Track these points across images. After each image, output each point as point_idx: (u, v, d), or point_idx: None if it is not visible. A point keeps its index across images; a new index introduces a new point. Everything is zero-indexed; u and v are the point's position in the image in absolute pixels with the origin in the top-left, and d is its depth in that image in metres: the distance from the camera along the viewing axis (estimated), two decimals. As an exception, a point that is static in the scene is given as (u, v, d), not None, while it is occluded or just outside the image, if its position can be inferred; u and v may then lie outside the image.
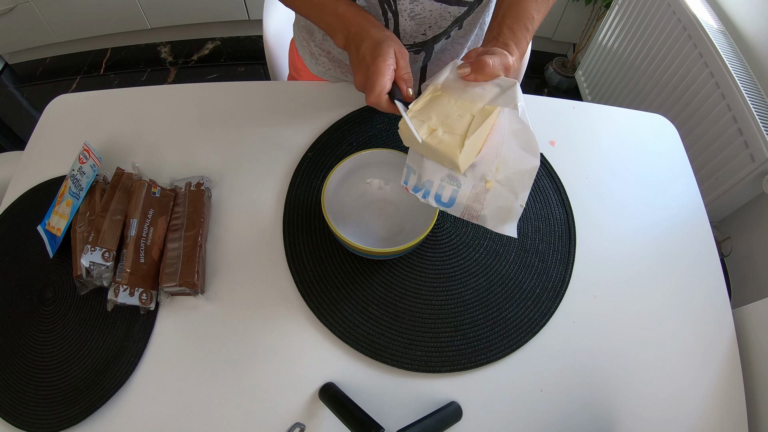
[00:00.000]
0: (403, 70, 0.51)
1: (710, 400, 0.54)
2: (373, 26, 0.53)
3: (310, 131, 0.70)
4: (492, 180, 0.44)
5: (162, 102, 0.73)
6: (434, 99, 0.47)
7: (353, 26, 0.53)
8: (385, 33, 0.52)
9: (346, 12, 0.54)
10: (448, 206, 0.46)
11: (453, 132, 0.44)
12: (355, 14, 0.54)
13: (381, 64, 0.48)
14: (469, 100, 0.45)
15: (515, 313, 0.57)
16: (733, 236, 1.21)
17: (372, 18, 0.54)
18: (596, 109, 0.76)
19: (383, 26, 0.54)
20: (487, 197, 0.44)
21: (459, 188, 0.46)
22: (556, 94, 1.82)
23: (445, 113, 0.45)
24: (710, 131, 1.11)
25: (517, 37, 0.51)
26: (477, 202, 0.45)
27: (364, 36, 0.52)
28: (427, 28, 0.60)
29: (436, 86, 0.48)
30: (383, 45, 0.50)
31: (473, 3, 0.59)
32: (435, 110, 0.46)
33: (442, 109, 0.46)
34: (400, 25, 0.60)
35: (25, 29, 1.78)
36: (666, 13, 1.20)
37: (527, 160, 0.44)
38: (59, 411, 0.51)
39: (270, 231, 0.62)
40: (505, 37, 0.51)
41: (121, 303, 0.52)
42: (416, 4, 0.57)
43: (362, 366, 0.54)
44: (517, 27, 0.52)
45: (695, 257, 0.63)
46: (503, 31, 0.52)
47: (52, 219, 0.60)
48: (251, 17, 1.85)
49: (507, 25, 0.52)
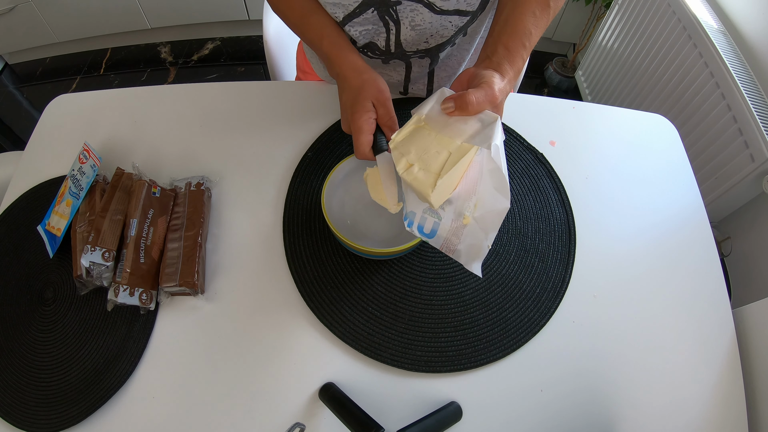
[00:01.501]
0: (384, 117, 0.51)
1: (710, 400, 0.54)
2: (353, 69, 0.53)
3: (310, 131, 0.70)
4: (470, 216, 0.44)
5: (162, 102, 0.73)
6: (416, 131, 0.47)
7: (335, 66, 0.55)
8: (363, 77, 0.52)
9: (329, 50, 0.55)
10: (430, 237, 0.47)
11: (428, 169, 0.44)
12: (337, 54, 0.55)
13: (359, 120, 0.50)
14: (448, 135, 0.45)
15: (515, 313, 0.57)
16: (733, 236, 1.21)
17: (353, 56, 0.55)
18: (596, 109, 0.76)
19: (364, 65, 0.54)
20: (464, 232, 0.45)
21: (440, 221, 0.46)
22: (556, 94, 1.82)
23: (423, 148, 0.45)
24: (710, 131, 1.11)
25: (513, 55, 0.49)
26: (455, 236, 0.45)
27: (343, 84, 0.54)
28: (429, 36, 0.60)
29: (420, 117, 0.48)
30: (360, 97, 0.51)
31: (475, 12, 0.58)
32: (415, 144, 0.46)
33: (422, 143, 0.46)
34: (402, 34, 0.59)
35: (25, 29, 1.78)
36: (666, 13, 1.20)
37: (499, 201, 0.43)
38: (59, 411, 0.51)
39: (270, 231, 0.62)
40: (500, 56, 0.49)
41: (121, 303, 0.52)
42: (416, 14, 0.56)
43: (362, 366, 0.54)
44: (513, 44, 0.50)
45: (695, 257, 0.63)
46: (498, 50, 0.50)
47: (52, 219, 0.60)
48: (251, 17, 1.86)
49: (502, 42, 0.50)
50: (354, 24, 0.58)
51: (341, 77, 0.54)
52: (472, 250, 0.44)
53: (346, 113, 0.53)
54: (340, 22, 0.57)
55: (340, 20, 0.57)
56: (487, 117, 0.45)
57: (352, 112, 0.51)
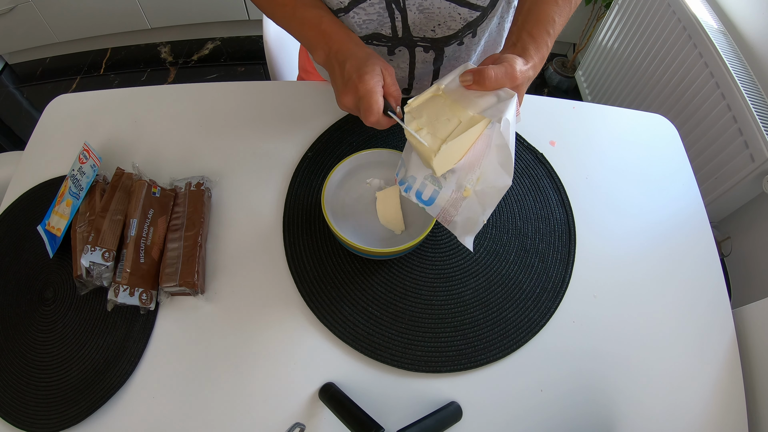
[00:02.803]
0: (391, 86, 0.50)
1: (710, 400, 0.54)
2: (355, 44, 0.53)
3: (310, 131, 0.70)
4: (471, 189, 0.44)
5: (162, 102, 0.73)
6: (432, 98, 0.47)
7: (335, 43, 0.53)
8: (367, 50, 0.52)
9: (328, 28, 0.54)
10: (427, 204, 0.47)
11: (435, 134, 0.44)
12: (337, 31, 0.53)
13: (370, 81, 0.48)
14: (462, 105, 0.45)
15: (515, 313, 0.57)
16: (733, 236, 1.21)
17: (354, 36, 0.54)
18: (596, 109, 0.76)
19: (365, 45, 0.54)
20: (463, 204, 0.44)
21: (440, 190, 0.46)
22: (556, 94, 1.82)
23: (435, 114, 0.45)
24: (710, 131, 1.11)
25: (537, 42, 0.50)
26: (453, 207, 0.45)
27: (346, 54, 0.51)
28: (436, 25, 0.59)
29: (438, 86, 0.48)
30: (368, 62, 0.49)
31: (486, 8, 0.58)
32: (428, 109, 0.46)
33: (435, 109, 0.46)
34: (408, 19, 0.59)
35: (25, 29, 1.78)
36: (666, 13, 1.20)
37: (501, 177, 0.43)
38: (59, 411, 0.51)
39: (270, 231, 0.62)
40: (525, 42, 0.50)
41: (121, 303, 0.52)
42: None
43: (362, 366, 0.54)
44: (537, 31, 0.51)
45: (695, 257, 0.63)
46: (522, 37, 0.51)
47: (52, 219, 0.60)
48: (251, 17, 1.86)
49: (527, 30, 0.51)
50: (359, 10, 0.56)
51: (342, 51, 0.52)
52: (468, 224, 0.45)
53: (350, 82, 0.49)
54: (345, 7, 0.56)
55: (345, 5, 0.56)
56: (504, 93, 0.45)
57: (361, 74, 0.48)
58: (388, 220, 0.59)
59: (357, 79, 0.48)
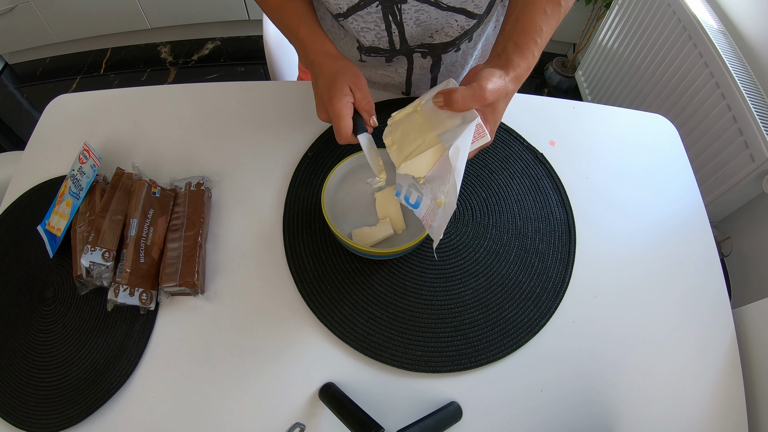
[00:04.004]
0: (362, 101, 0.51)
1: (710, 400, 0.54)
2: (328, 56, 0.53)
3: (310, 131, 0.70)
4: (443, 199, 0.47)
5: (162, 102, 0.73)
6: (410, 115, 0.51)
7: (310, 54, 0.54)
8: (338, 63, 0.52)
9: (305, 38, 0.55)
10: (415, 207, 0.50)
11: (401, 151, 0.49)
12: (313, 41, 0.54)
13: (337, 104, 0.49)
14: (431, 125, 0.48)
15: (515, 313, 0.57)
16: (733, 236, 1.21)
17: (328, 44, 0.55)
18: (596, 109, 0.76)
19: (338, 53, 0.54)
20: (438, 212, 0.47)
21: (422, 197, 0.49)
22: (556, 94, 1.82)
23: (407, 132, 0.50)
24: (710, 131, 1.11)
25: (523, 51, 0.50)
26: (432, 214, 0.48)
27: (318, 70, 0.53)
28: (434, 32, 0.60)
29: (420, 102, 0.51)
30: (337, 82, 0.50)
31: (482, 15, 0.58)
32: (402, 126, 0.50)
33: (407, 127, 0.50)
34: (406, 33, 0.59)
35: (25, 29, 1.78)
36: (666, 13, 1.20)
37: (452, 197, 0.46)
38: (59, 411, 0.51)
39: (270, 231, 0.62)
40: (509, 52, 0.50)
41: (121, 303, 0.52)
42: (421, 12, 0.56)
43: (362, 366, 0.54)
44: (523, 40, 0.50)
45: (695, 257, 0.63)
46: (507, 47, 0.50)
47: (52, 219, 0.60)
48: (251, 17, 1.85)
49: (512, 40, 0.51)
50: (357, 17, 0.57)
51: (315, 64, 0.53)
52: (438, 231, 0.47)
53: (322, 100, 0.52)
54: (344, 13, 0.56)
55: (344, 11, 0.56)
56: (469, 115, 0.47)
57: (329, 96, 0.50)
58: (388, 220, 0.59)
59: (327, 101, 0.51)
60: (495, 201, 0.65)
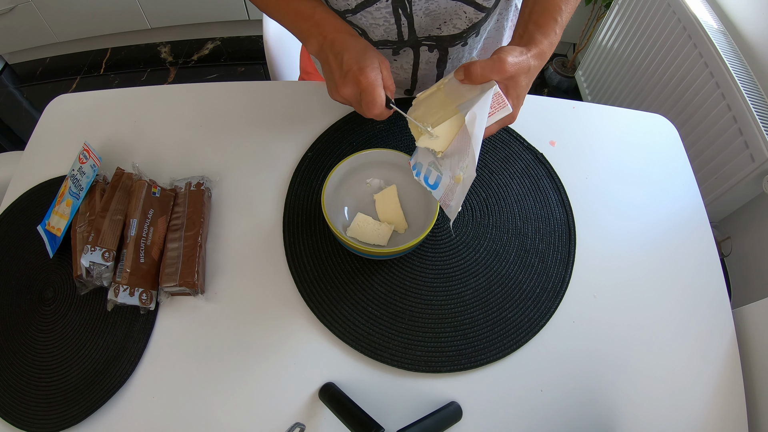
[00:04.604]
0: (387, 79, 0.51)
1: (710, 400, 0.54)
2: (350, 35, 0.53)
3: (310, 131, 0.70)
4: (462, 176, 0.46)
5: (162, 102, 0.73)
6: (433, 93, 0.51)
7: (329, 33, 0.53)
8: (363, 41, 0.52)
9: (322, 19, 0.54)
10: (433, 188, 0.50)
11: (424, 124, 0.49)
12: (331, 22, 0.54)
13: (371, 74, 0.48)
14: (452, 99, 0.48)
15: (515, 313, 0.57)
16: (733, 236, 1.21)
17: (348, 26, 0.54)
18: (596, 109, 0.76)
19: (359, 35, 0.54)
20: (457, 190, 0.47)
21: (441, 176, 0.49)
22: (556, 94, 1.82)
23: (429, 108, 0.50)
24: (710, 131, 1.11)
25: (545, 29, 0.51)
26: (451, 192, 0.48)
27: (343, 45, 0.52)
28: (442, 23, 0.60)
29: (444, 80, 0.51)
30: (367, 55, 0.50)
31: (491, 9, 0.59)
32: (425, 103, 0.51)
33: (430, 104, 0.50)
34: (415, 24, 0.59)
35: (25, 29, 1.78)
36: (666, 13, 1.20)
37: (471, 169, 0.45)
38: (59, 411, 0.51)
39: (270, 231, 0.62)
40: (531, 31, 0.51)
41: (121, 303, 0.52)
42: (431, 2, 0.56)
43: (362, 366, 0.54)
44: (544, 20, 0.51)
45: (695, 257, 0.63)
46: (529, 27, 0.51)
47: (52, 219, 0.60)
48: (251, 17, 1.86)
49: (533, 20, 0.51)
50: (366, 14, 0.57)
51: (337, 42, 0.52)
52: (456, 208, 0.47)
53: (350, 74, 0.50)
54: (352, 9, 0.56)
55: (353, 7, 0.56)
56: (488, 86, 0.47)
57: (361, 67, 0.49)
58: (389, 220, 0.59)
59: (358, 72, 0.49)
60: (495, 201, 0.65)
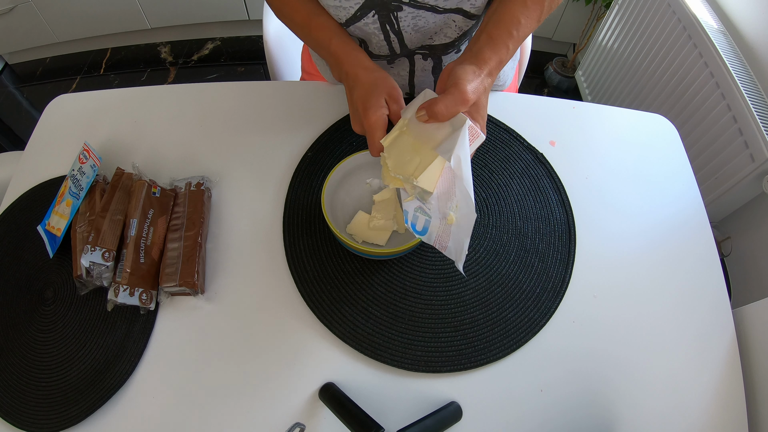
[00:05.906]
0: (398, 113, 0.51)
1: (710, 400, 0.54)
2: (363, 68, 0.53)
3: (310, 131, 0.70)
4: (453, 216, 0.45)
5: (162, 102, 0.73)
6: (399, 136, 0.49)
7: (344, 65, 0.53)
8: (374, 75, 0.52)
9: (338, 50, 0.54)
10: (422, 234, 0.48)
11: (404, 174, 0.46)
12: (346, 53, 0.54)
13: (372, 116, 0.48)
14: (422, 141, 0.47)
15: (515, 313, 0.57)
16: (733, 236, 1.21)
17: (362, 56, 0.54)
18: (596, 109, 0.76)
19: (373, 65, 0.53)
20: (452, 230, 0.46)
21: (431, 219, 0.47)
22: (556, 94, 1.82)
23: (400, 154, 0.48)
24: (710, 131, 1.11)
25: (495, 42, 0.49)
26: (445, 234, 0.46)
27: (353, 81, 0.52)
28: (434, 34, 0.60)
29: (404, 120, 0.49)
30: (374, 94, 0.50)
31: (479, 16, 0.58)
32: (396, 149, 0.48)
33: (400, 149, 0.48)
34: (405, 39, 0.59)
35: (25, 29, 1.78)
36: (666, 13, 1.20)
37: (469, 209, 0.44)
38: (59, 411, 0.51)
39: (270, 231, 0.62)
40: (481, 44, 0.49)
41: (121, 303, 0.52)
42: (418, 18, 0.56)
43: (362, 366, 0.54)
44: (497, 32, 0.50)
45: (695, 257, 0.63)
46: (480, 39, 0.50)
47: (52, 219, 0.60)
48: (251, 17, 1.85)
49: (486, 31, 0.50)
50: (355, 29, 0.58)
51: (351, 76, 0.53)
52: (457, 249, 0.46)
53: (357, 112, 0.51)
54: (344, 23, 0.57)
55: (343, 23, 0.57)
56: (457, 121, 0.46)
57: (365, 108, 0.49)
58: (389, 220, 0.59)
59: (362, 113, 0.49)
60: (495, 201, 0.65)
